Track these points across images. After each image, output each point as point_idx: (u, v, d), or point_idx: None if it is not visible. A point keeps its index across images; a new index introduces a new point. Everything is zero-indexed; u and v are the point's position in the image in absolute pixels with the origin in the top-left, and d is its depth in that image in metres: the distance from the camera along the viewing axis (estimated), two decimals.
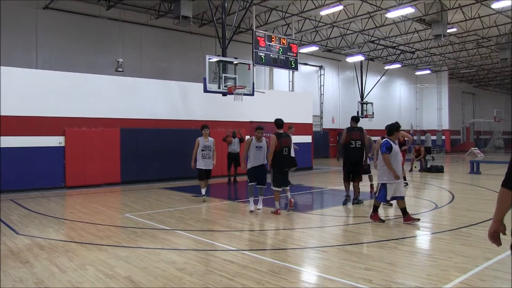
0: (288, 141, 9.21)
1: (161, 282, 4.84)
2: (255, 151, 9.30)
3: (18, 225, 8.13)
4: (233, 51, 18.18)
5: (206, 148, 10.90)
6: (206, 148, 10.90)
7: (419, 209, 9.88)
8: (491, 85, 48.72)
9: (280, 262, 5.60)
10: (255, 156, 9.29)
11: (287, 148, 9.10)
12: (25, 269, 5.36)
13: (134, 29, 20.64)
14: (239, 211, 9.80)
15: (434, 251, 6.19)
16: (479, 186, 13.91)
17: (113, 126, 15.01)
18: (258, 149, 9.31)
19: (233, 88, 14.35)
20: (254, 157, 9.30)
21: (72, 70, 16.14)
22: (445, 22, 21.37)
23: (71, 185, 14.01)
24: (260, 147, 9.33)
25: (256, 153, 9.29)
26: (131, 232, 7.51)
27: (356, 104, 30.44)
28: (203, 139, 10.97)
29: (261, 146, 9.33)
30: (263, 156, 9.32)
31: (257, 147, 9.31)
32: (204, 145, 10.90)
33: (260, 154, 9.30)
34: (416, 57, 33.69)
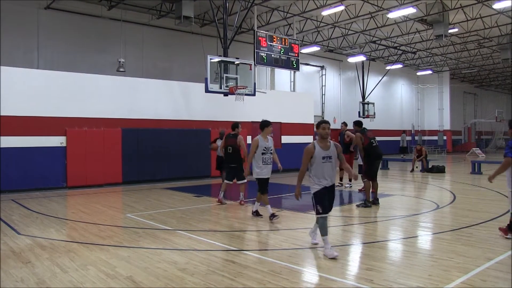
0: (232, 141, 10.19)
1: (162, 282, 4.84)
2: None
3: (19, 225, 8.14)
4: (235, 51, 18.17)
5: (268, 151, 8.70)
6: (268, 151, 8.70)
7: (420, 209, 9.88)
8: (492, 86, 48.63)
9: (281, 262, 5.61)
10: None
11: (230, 147, 10.21)
12: (26, 269, 5.37)
13: (135, 29, 20.64)
14: (240, 211, 9.80)
15: (435, 251, 6.18)
16: (480, 186, 13.89)
17: (114, 126, 15.02)
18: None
19: (234, 88, 14.34)
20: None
21: (74, 70, 16.16)
22: (446, 23, 21.33)
23: (72, 185, 14.02)
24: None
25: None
26: (133, 232, 7.52)
27: (358, 104, 30.39)
28: (262, 139, 8.70)
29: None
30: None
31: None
32: (265, 146, 8.66)
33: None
34: (417, 57, 33.64)
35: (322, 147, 6.02)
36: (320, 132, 6.10)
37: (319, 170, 6.02)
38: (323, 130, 6.06)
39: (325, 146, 6.03)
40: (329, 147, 6.05)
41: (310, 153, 6.01)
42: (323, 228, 6.00)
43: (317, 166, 6.01)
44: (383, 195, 11.36)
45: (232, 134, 10.37)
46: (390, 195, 11.78)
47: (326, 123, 6.10)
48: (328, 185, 6.04)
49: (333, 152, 6.07)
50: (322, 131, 6.06)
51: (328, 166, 6.02)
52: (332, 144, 6.10)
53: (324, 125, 6.08)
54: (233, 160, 10.29)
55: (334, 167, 6.11)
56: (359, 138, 10.07)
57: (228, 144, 10.33)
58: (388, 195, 11.80)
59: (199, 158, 16.54)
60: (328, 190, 6.04)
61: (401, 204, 10.68)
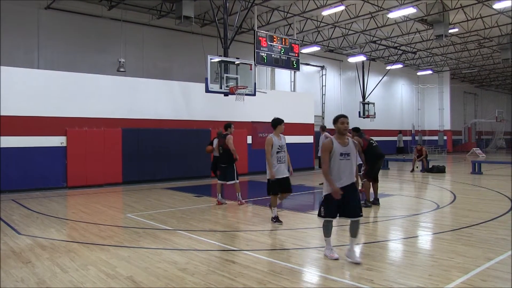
0: (222, 141, 10.27)
1: (162, 282, 4.84)
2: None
3: (19, 225, 8.14)
4: (235, 51, 18.17)
5: (282, 149, 8.25)
6: (282, 149, 8.25)
7: (420, 209, 9.88)
8: (492, 86, 48.63)
9: (281, 262, 5.61)
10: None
11: (221, 147, 10.36)
12: (26, 269, 5.37)
13: (136, 29, 20.65)
14: (241, 211, 9.80)
15: (435, 251, 6.18)
16: (480, 186, 13.89)
17: (114, 126, 15.02)
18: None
19: (234, 88, 14.35)
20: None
21: (74, 70, 16.16)
22: (446, 23, 21.33)
23: (72, 185, 14.02)
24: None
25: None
26: (133, 232, 7.52)
27: (358, 104, 30.40)
28: (276, 137, 8.26)
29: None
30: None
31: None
32: (279, 145, 8.23)
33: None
34: (417, 57, 33.64)
35: (340, 143, 5.55)
36: (338, 126, 5.62)
37: (335, 168, 5.53)
38: (342, 124, 5.58)
39: (343, 142, 5.57)
40: (347, 144, 5.58)
41: (328, 148, 5.51)
42: (325, 229, 5.73)
43: (333, 164, 5.52)
44: (384, 195, 11.36)
45: (223, 134, 10.47)
46: (391, 195, 11.78)
47: (344, 117, 5.63)
48: (343, 185, 5.51)
49: (351, 149, 5.59)
50: (341, 126, 5.59)
51: (345, 164, 5.52)
52: (350, 141, 5.65)
53: (342, 119, 5.60)
54: (223, 160, 10.37)
55: (352, 165, 5.58)
56: (358, 143, 10.09)
57: (219, 144, 10.48)
58: (388, 195, 11.80)
59: (199, 158, 16.52)
60: (343, 191, 5.48)
61: (402, 204, 10.68)
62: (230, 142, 10.15)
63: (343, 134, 5.59)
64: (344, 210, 5.59)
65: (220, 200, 10.45)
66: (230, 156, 10.24)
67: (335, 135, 5.65)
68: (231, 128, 10.52)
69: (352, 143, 5.65)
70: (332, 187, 5.48)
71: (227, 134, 10.38)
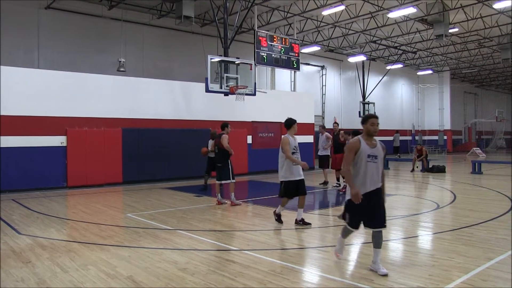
0: (218, 141, 10.30)
1: (163, 282, 4.84)
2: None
3: (20, 225, 8.14)
4: (235, 51, 18.18)
5: (297, 150, 7.94)
6: (297, 150, 7.94)
7: (421, 209, 9.88)
8: (493, 85, 48.63)
9: (282, 262, 5.61)
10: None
11: (216, 146, 10.40)
12: (27, 269, 5.37)
13: (136, 29, 20.65)
14: (241, 211, 9.80)
15: (436, 251, 6.18)
16: (481, 186, 13.89)
17: (115, 126, 15.02)
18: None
19: (235, 88, 14.35)
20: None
21: (74, 70, 16.15)
22: (447, 22, 21.34)
23: (72, 185, 14.02)
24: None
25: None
26: (133, 232, 7.52)
27: (358, 104, 30.41)
28: (291, 137, 7.92)
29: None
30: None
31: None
32: (295, 145, 7.92)
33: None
34: (418, 57, 33.65)
35: (368, 144, 5.11)
36: (368, 128, 5.12)
37: (361, 171, 5.06)
38: (372, 126, 5.11)
39: (372, 143, 5.13)
40: (375, 145, 5.14)
41: (355, 148, 5.07)
42: (344, 232, 5.42)
43: (359, 166, 5.07)
44: None
45: (219, 134, 10.49)
46: (391, 195, 11.77)
47: (375, 118, 5.16)
48: (368, 190, 5.05)
49: (379, 152, 5.14)
50: (371, 127, 5.11)
51: (372, 167, 5.06)
52: (378, 144, 5.18)
53: (373, 120, 5.13)
54: (219, 159, 10.40)
55: (379, 169, 5.12)
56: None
57: (215, 144, 10.54)
58: (388, 195, 11.78)
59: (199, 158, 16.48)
60: (367, 198, 5.01)
61: (402, 204, 10.68)
62: (224, 141, 10.17)
63: (372, 136, 5.15)
64: (368, 219, 5.13)
65: (220, 200, 10.44)
66: (225, 155, 10.25)
67: (362, 135, 5.21)
68: (227, 128, 10.53)
69: (380, 145, 5.19)
70: (351, 189, 5.06)
71: (223, 134, 10.37)
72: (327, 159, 13.56)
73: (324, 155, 13.59)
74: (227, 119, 14.04)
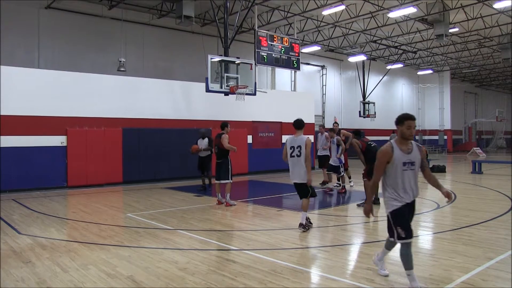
0: (218, 141, 10.26)
1: (163, 282, 4.84)
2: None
3: (20, 225, 8.14)
4: (235, 50, 18.18)
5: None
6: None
7: (421, 209, 9.88)
8: (493, 85, 48.61)
9: (282, 262, 5.60)
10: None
11: (216, 146, 10.34)
12: (27, 269, 5.37)
13: (136, 28, 20.65)
14: (241, 210, 9.80)
15: (436, 251, 6.18)
16: (481, 186, 13.89)
17: (115, 126, 15.02)
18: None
19: (235, 87, 14.35)
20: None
21: (74, 70, 16.16)
22: (447, 22, 21.33)
23: (73, 184, 14.02)
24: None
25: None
26: (134, 232, 7.52)
27: (358, 104, 30.41)
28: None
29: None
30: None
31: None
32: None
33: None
34: (418, 57, 33.64)
35: (402, 149, 4.48)
36: (403, 131, 4.48)
37: (398, 180, 4.49)
38: (408, 129, 4.46)
39: (407, 148, 4.49)
40: (411, 151, 4.51)
41: (387, 156, 4.47)
42: (406, 258, 4.51)
43: (395, 175, 4.49)
44: None
45: (219, 134, 10.45)
46: None
47: (412, 120, 4.48)
48: (409, 200, 4.53)
49: (416, 157, 4.53)
50: (406, 131, 4.46)
51: (410, 175, 4.50)
52: (414, 146, 4.55)
53: (410, 123, 4.45)
54: (218, 157, 10.37)
55: (416, 176, 4.59)
56: (357, 144, 10.14)
57: (215, 143, 10.51)
58: None
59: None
60: (409, 208, 4.54)
61: None
62: (225, 141, 10.15)
63: (407, 140, 4.50)
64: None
65: (220, 200, 10.43)
66: (224, 153, 10.24)
67: (395, 139, 4.57)
68: (227, 128, 10.52)
69: (416, 148, 4.56)
70: (366, 203, 4.71)
71: (222, 133, 10.35)
72: (327, 159, 13.56)
73: (323, 155, 13.59)
74: (227, 119, 14.05)
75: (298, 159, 7.49)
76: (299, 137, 7.70)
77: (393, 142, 4.53)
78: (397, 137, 4.57)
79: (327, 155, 13.54)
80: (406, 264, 4.49)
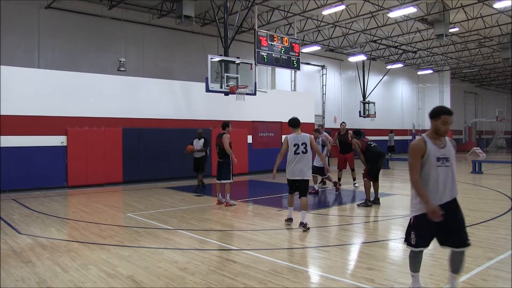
0: (219, 141, 10.23)
1: (163, 282, 4.84)
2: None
3: (20, 225, 8.15)
4: (235, 50, 18.18)
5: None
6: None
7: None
8: (493, 85, 48.61)
9: (282, 261, 5.61)
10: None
11: (218, 146, 10.33)
12: (27, 269, 5.38)
13: (136, 28, 20.65)
14: (241, 210, 9.80)
15: (436, 250, 6.16)
16: (481, 185, 13.88)
17: (115, 126, 15.02)
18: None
19: (235, 87, 14.36)
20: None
21: (74, 70, 16.16)
22: (447, 22, 21.33)
23: (73, 184, 14.02)
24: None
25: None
26: (134, 231, 7.52)
27: (358, 104, 30.40)
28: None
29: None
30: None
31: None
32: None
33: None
34: (418, 56, 33.63)
35: (436, 144, 4.08)
36: (438, 126, 4.06)
37: (430, 178, 4.04)
38: (444, 124, 4.04)
39: (440, 143, 4.10)
40: (445, 145, 4.10)
41: (420, 150, 4.04)
42: (413, 261, 4.28)
43: (428, 172, 4.04)
44: (384, 195, 11.35)
45: (220, 133, 10.43)
46: (391, 195, 11.78)
47: (449, 115, 4.07)
48: (443, 201, 4.02)
49: (450, 153, 4.11)
50: (442, 126, 4.04)
51: (444, 172, 4.03)
52: (448, 141, 4.15)
53: (446, 118, 4.04)
54: (220, 156, 10.35)
55: (453, 174, 4.10)
56: (357, 144, 10.16)
57: (216, 143, 10.48)
58: (388, 194, 11.80)
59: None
60: (444, 211, 3.94)
61: (402, 203, 10.67)
62: (225, 141, 10.13)
63: (441, 136, 4.11)
64: (444, 236, 4.09)
65: (220, 200, 10.43)
66: (226, 152, 10.24)
67: (427, 133, 4.17)
68: (229, 128, 10.48)
69: (450, 144, 4.16)
70: (426, 205, 3.97)
71: (224, 133, 10.33)
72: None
73: None
74: (228, 119, 14.06)
75: (304, 155, 7.67)
76: (302, 134, 7.85)
77: (425, 136, 4.13)
78: (429, 132, 4.15)
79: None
80: (411, 266, 4.29)
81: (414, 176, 4.05)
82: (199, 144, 12.98)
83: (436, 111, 4.10)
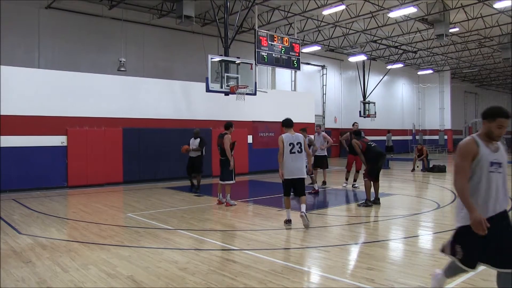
0: (220, 141, 10.23)
1: (163, 282, 4.84)
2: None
3: (20, 225, 8.14)
4: (235, 50, 18.16)
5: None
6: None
7: (421, 209, 9.88)
8: (493, 85, 48.60)
9: (282, 261, 5.60)
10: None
11: (219, 146, 10.28)
12: (27, 269, 5.37)
13: (136, 28, 20.65)
14: (241, 210, 9.80)
15: (436, 250, 6.16)
16: None
17: (115, 126, 15.02)
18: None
19: (235, 87, 14.35)
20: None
21: (75, 70, 16.17)
22: (447, 22, 21.33)
23: (73, 184, 14.02)
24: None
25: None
26: (134, 231, 7.52)
27: (359, 104, 30.39)
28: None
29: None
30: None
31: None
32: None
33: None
34: (418, 56, 33.63)
35: (489, 147, 3.53)
36: (492, 129, 3.51)
37: (481, 185, 3.51)
38: (499, 128, 3.49)
39: (493, 146, 3.55)
40: (498, 148, 3.56)
41: (471, 152, 3.50)
42: (450, 270, 3.86)
43: (479, 178, 3.51)
44: (384, 195, 11.35)
45: (222, 134, 10.38)
46: (391, 195, 11.78)
47: (507, 118, 3.48)
48: (492, 213, 3.49)
49: (504, 158, 3.58)
50: (496, 130, 3.50)
51: (497, 179, 3.50)
52: (500, 145, 3.61)
53: (503, 121, 3.46)
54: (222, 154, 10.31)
55: (505, 181, 3.57)
56: (357, 145, 10.17)
57: (218, 143, 10.45)
58: (389, 194, 11.80)
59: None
60: (491, 223, 3.38)
61: (402, 203, 10.68)
62: (226, 142, 10.09)
63: (493, 140, 3.56)
64: (491, 254, 3.47)
65: (221, 200, 10.43)
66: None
67: (479, 134, 3.63)
68: (231, 128, 10.45)
69: (503, 148, 3.64)
70: (471, 213, 3.41)
71: (226, 133, 10.31)
72: (324, 159, 13.55)
73: (321, 155, 13.55)
74: (228, 119, 14.06)
75: (300, 154, 7.87)
76: (296, 134, 8.06)
77: (476, 137, 3.59)
78: (480, 133, 3.61)
79: (324, 155, 13.56)
80: (447, 271, 3.87)
81: (462, 180, 3.49)
82: (195, 144, 12.85)
83: (492, 112, 3.52)
